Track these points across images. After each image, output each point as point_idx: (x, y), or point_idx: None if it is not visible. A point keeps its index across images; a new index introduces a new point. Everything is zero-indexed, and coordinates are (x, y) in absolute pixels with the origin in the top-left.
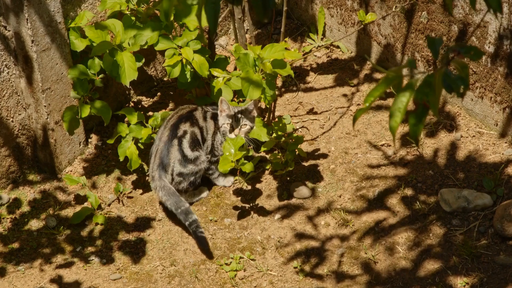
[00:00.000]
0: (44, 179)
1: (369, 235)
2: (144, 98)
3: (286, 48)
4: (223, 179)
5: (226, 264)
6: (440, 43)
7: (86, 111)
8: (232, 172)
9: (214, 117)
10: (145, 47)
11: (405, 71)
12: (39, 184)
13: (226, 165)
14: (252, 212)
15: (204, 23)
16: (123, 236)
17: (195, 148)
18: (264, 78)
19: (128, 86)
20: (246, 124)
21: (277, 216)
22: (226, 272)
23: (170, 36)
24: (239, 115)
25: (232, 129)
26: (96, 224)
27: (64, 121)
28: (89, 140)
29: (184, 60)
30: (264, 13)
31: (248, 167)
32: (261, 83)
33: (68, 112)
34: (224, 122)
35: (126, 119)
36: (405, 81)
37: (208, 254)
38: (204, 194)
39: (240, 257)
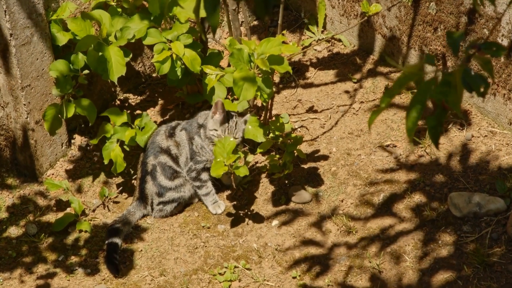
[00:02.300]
0: (24, 183)
1: (374, 243)
2: (131, 96)
3: (283, 42)
4: (212, 202)
5: (220, 274)
6: (460, 38)
7: (71, 111)
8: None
9: (186, 127)
10: (133, 41)
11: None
12: (19, 188)
13: (219, 169)
14: (247, 218)
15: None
16: None
17: (173, 176)
18: (260, 75)
19: (116, 83)
20: (238, 137)
21: (275, 222)
22: (220, 282)
23: (160, 29)
24: (234, 126)
25: None
26: (80, 231)
27: (45, 120)
28: (72, 141)
29: (174, 56)
30: (266, 9)
31: (242, 170)
32: (255, 81)
33: (50, 111)
34: (215, 128)
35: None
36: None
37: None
38: (196, 199)
39: (235, 266)
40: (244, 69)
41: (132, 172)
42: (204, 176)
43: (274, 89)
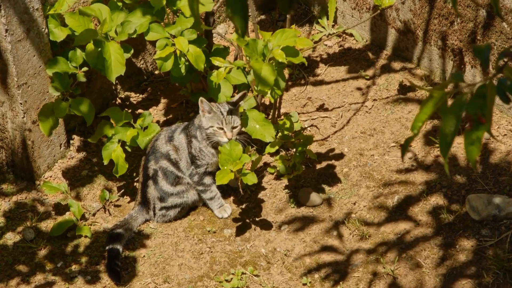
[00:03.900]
0: (21, 187)
1: (388, 248)
2: (132, 94)
3: None
4: (218, 206)
5: (227, 280)
6: (488, 50)
7: (63, 111)
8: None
9: (185, 130)
10: (134, 36)
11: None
12: (15, 192)
13: (225, 177)
14: (255, 222)
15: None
16: None
17: (176, 182)
18: (276, 68)
19: (114, 82)
20: (237, 125)
21: (284, 226)
22: None
23: (162, 23)
24: (229, 114)
25: (224, 132)
26: (80, 236)
27: (41, 120)
28: (71, 141)
29: (178, 52)
30: (290, 5)
31: (250, 178)
32: (274, 73)
33: (45, 110)
34: (212, 124)
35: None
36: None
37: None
38: (201, 202)
39: (242, 273)
40: (259, 60)
41: (134, 174)
42: (207, 180)
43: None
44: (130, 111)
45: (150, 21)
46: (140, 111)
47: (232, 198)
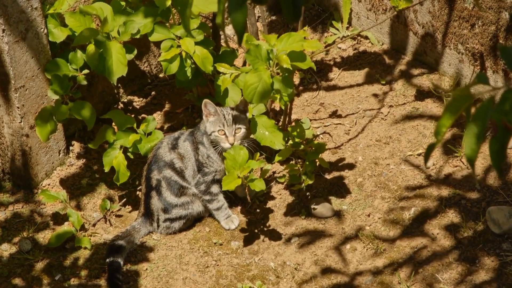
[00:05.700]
0: (17, 195)
1: (404, 263)
2: (136, 98)
3: (304, 38)
4: (224, 217)
5: None
6: None
7: (64, 114)
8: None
9: (190, 136)
10: (138, 36)
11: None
12: (11, 201)
13: (232, 182)
14: (264, 234)
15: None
16: None
17: (180, 192)
18: (280, 74)
19: (115, 84)
20: (240, 128)
21: (294, 239)
22: None
23: (167, 24)
24: (231, 118)
25: (226, 137)
26: (79, 248)
27: (38, 125)
28: (71, 147)
29: (183, 54)
30: (295, 13)
31: (258, 184)
32: (268, 86)
33: (42, 114)
34: (214, 129)
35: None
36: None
37: None
38: (207, 213)
39: (250, 287)
40: (261, 68)
41: (136, 182)
42: (215, 189)
43: (294, 91)
44: (133, 116)
45: (154, 21)
46: (143, 116)
47: (239, 208)
